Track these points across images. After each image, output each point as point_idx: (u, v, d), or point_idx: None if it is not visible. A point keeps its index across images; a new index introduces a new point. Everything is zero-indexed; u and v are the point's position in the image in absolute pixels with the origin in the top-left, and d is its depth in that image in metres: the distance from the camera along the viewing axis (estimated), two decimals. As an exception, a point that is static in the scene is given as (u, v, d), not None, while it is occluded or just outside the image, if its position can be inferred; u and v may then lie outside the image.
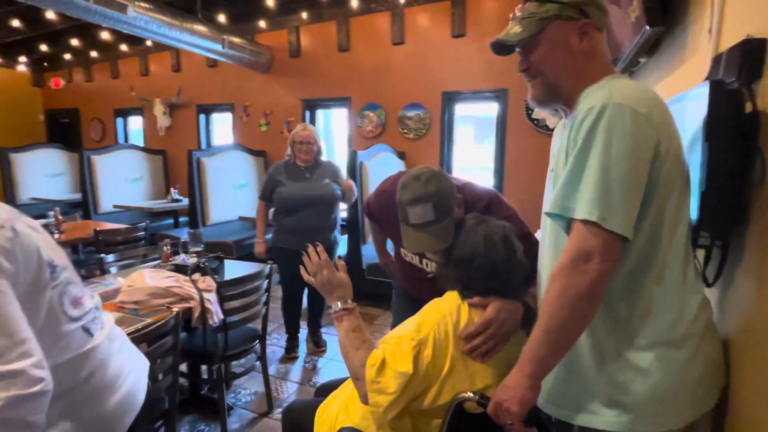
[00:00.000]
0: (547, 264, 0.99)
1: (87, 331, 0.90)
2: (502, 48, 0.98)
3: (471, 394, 1.04)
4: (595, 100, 0.83)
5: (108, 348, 0.95)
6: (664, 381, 0.83)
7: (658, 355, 0.84)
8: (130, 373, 1.00)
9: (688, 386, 0.85)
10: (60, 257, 0.88)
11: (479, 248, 1.12)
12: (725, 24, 1.16)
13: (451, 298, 1.15)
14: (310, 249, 1.21)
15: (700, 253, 1.00)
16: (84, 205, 5.03)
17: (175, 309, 1.55)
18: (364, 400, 1.08)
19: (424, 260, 1.53)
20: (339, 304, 1.17)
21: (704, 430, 0.93)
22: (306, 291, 2.92)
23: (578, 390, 0.91)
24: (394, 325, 1.93)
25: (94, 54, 6.20)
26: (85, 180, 5.00)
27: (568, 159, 0.84)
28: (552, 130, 3.94)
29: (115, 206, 5.04)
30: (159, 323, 1.42)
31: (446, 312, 1.10)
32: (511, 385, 0.88)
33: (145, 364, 1.11)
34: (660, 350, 0.84)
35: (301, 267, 1.24)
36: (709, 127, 0.85)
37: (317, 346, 2.98)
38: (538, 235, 2.23)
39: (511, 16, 1.00)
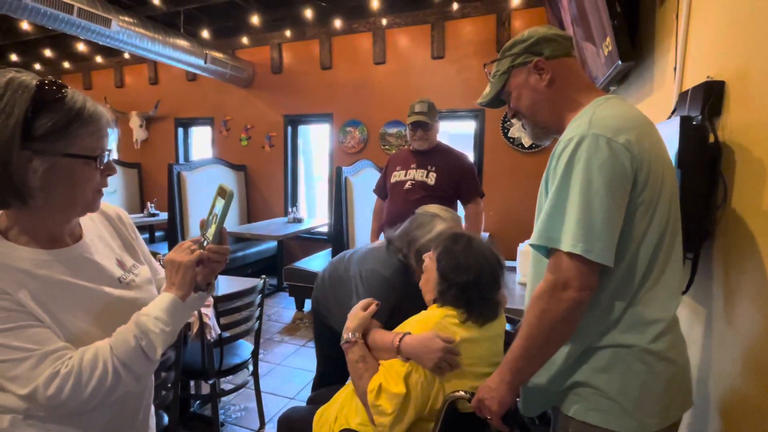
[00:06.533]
0: (531, 281, 1.02)
1: None
2: (487, 106, 1.11)
3: (463, 393, 1.12)
4: (575, 130, 0.86)
5: None
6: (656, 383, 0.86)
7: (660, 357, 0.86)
8: None
9: (673, 390, 0.88)
10: None
11: (484, 267, 1.19)
12: (687, 64, 1.33)
13: (438, 313, 1.20)
14: None
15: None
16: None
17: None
18: (372, 422, 1.16)
19: (409, 171, 2.48)
20: (343, 336, 1.27)
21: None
22: None
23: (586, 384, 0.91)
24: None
25: (66, 65, 6.05)
26: (56, 193, 4.83)
27: (549, 188, 0.88)
28: (528, 149, 4.15)
29: (88, 221, 4.89)
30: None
31: (436, 330, 1.16)
32: (493, 386, 0.98)
33: None
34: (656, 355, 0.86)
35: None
36: (681, 156, 0.98)
37: None
38: (520, 247, 2.38)
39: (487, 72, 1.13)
